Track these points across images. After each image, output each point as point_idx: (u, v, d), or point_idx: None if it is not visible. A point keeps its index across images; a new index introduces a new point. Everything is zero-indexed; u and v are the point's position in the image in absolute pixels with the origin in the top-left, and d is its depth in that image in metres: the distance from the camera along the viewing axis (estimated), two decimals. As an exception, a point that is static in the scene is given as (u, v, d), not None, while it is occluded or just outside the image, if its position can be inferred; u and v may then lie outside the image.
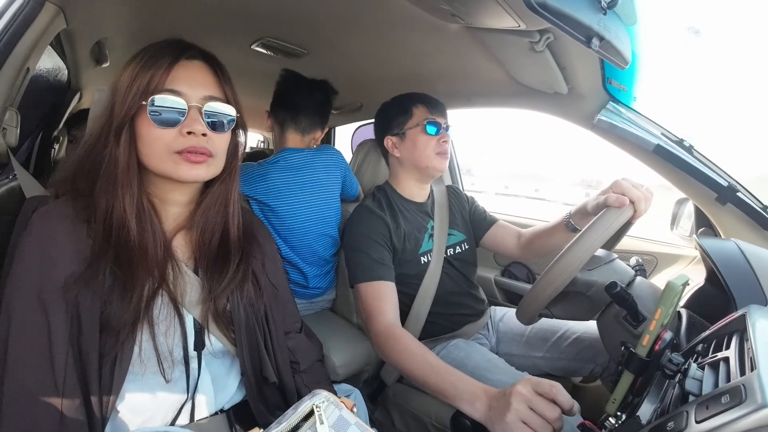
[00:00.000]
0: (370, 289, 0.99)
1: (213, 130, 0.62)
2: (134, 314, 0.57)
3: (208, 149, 0.61)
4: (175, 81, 0.60)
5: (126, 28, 1.19)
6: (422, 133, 1.12)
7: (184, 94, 0.60)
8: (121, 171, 0.59)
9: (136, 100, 0.58)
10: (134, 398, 0.60)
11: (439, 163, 1.13)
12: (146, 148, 0.60)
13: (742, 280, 0.84)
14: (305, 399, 0.54)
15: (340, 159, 1.38)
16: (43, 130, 1.40)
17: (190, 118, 0.59)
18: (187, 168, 0.60)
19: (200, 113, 0.60)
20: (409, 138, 1.14)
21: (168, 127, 0.59)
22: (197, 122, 0.60)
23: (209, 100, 0.61)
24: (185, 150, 0.59)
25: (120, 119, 0.59)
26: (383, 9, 0.99)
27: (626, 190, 0.81)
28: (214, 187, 0.68)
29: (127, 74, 0.60)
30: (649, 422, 0.58)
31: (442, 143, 1.12)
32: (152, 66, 0.59)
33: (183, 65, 0.61)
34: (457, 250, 1.20)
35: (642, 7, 0.80)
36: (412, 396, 1.11)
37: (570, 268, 0.76)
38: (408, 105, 1.15)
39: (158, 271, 0.60)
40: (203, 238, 0.67)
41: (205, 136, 0.60)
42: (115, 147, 0.59)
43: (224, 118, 0.63)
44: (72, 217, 0.58)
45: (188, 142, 0.59)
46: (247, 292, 0.69)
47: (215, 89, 0.63)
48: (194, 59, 0.63)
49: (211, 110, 0.61)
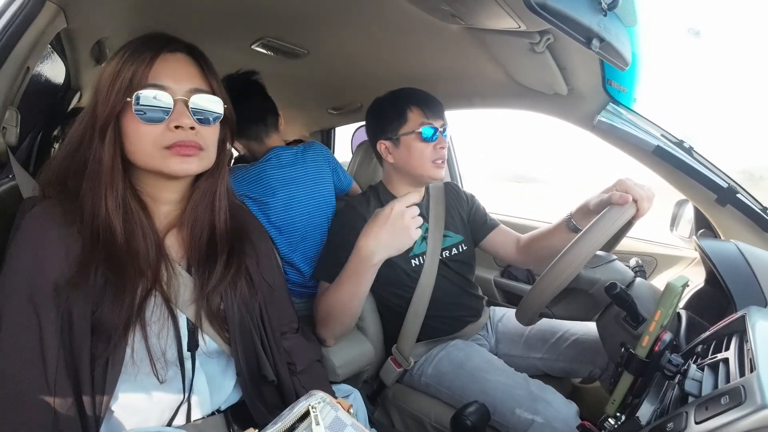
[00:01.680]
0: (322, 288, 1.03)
1: (201, 123, 0.60)
2: (126, 316, 0.56)
3: (197, 142, 0.60)
4: (158, 75, 0.58)
5: (126, 27, 1.19)
6: (418, 140, 1.06)
7: (168, 88, 0.58)
8: (105, 171, 0.58)
9: (119, 97, 0.57)
10: (128, 399, 0.59)
11: (436, 173, 1.08)
12: (133, 146, 0.59)
13: (741, 281, 0.84)
14: (301, 400, 0.54)
15: (328, 152, 1.40)
16: (43, 129, 1.40)
17: (176, 112, 0.58)
18: (178, 162, 0.59)
19: (186, 106, 0.59)
20: (403, 144, 1.08)
21: (155, 123, 0.58)
22: (184, 116, 0.58)
23: (195, 93, 0.60)
24: (174, 144, 0.58)
25: (104, 118, 0.57)
26: (383, 9, 0.99)
27: (630, 188, 0.81)
28: (202, 180, 0.67)
29: (109, 71, 0.58)
30: (649, 423, 0.58)
31: (439, 149, 1.07)
32: (134, 61, 0.58)
33: (165, 58, 0.60)
34: (453, 251, 1.18)
35: (642, 8, 0.80)
36: (412, 396, 1.11)
37: (572, 267, 0.76)
38: (403, 108, 1.08)
39: (151, 271, 0.60)
40: (193, 234, 0.66)
41: (193, 129, 0.59)
42: (99, 146, 0.58)
43: (211, 110, 0.62)
44: (61, 218, 0.58)
45: (177, 136, 0.58)
46: (241, 291, 0.68)
47: (200, 81, 0.62)
48: (177, 52, 0.61)
49: (197, 103, 0.60)
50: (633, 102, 1.15)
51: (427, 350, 1.14)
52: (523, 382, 0.98)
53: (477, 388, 0.99)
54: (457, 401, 1.00)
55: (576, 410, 0.92)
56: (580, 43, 0.71)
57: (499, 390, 0.97)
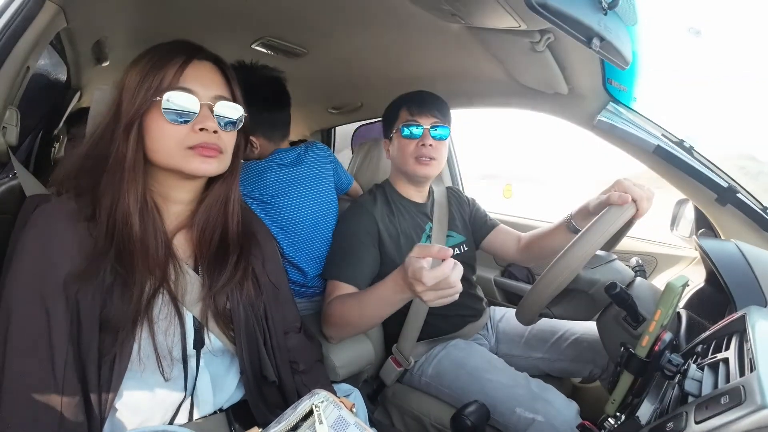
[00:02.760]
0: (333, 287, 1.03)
1: (222, 128, 0.64)
2: (134, 313, 0.57)
3: (218, 145, 0.63)
4: (187, 80, 0.62)
5: (126, 27, 1.19)
6: (400, 137, 1.11)
7: (196, 93, 0.62)
8: (128, 167, 0.60)
9: (148, 96, 0.59)
10: (133, 397, 0.60)
11: (417, 169, 1.10)
12: (156, 144, 0.61)
13: (741, 281, 0.84)
14: (304, 399, 0.54)
15: (329, 152, 1.40)
16: (43, 128, 1.40)
17: (202, 116, 0.62)
18: (199, 162, 0.62)
19: (211, 111, 0.62)
20: (394, 141, 1.15)
21: (180, 124, 0.61)
22: (209, 119, 0.62)
23: (219, 99, 0.64)
24: (198, 145, 0.61)
25: (130, 116, 0.60)
26: (384, 9, 0.99)
27: (628, 188, 0.81)
28: (217, 185, 0.69)
29: (136, 72, 0.61)
30: (649, 423, 0.58)
31: (420, 147, 1.08)
32: (165, 65, 0.61)
33: (195, 65, 0.63)
34: (456, 251, 1.19)
35: (642, 7, 0.80)
36: (412, 396, 1.11)
37: (571, 267, 0.76)
38: (397, 107, 1.14)
39: (159, 270, 0.61)
40: (203, 236, 0.68)
41: (216, 133, 0.62)
42: (123, 143, 0.60)
43: (233, 117, 0.66)
44: (74, 214, 0.59)
45: (201, 138, 0.61)
46: (247, 291, 0.69)
47: (225, 90, 0.66)
48: (205, 60, 0.65)
49: (221, 109, 0.64)
50: (633, 101, 1.15)
51: (427, 350, 1.14)
52: (523, 381, 0.98)
53: (477, 388, 0.99)
54: (457, 401, 1.00)
55: (576, 409, 0.92)
56: (580, 42, 0.71)
57: (499, 389, 0.97)
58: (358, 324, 0.93)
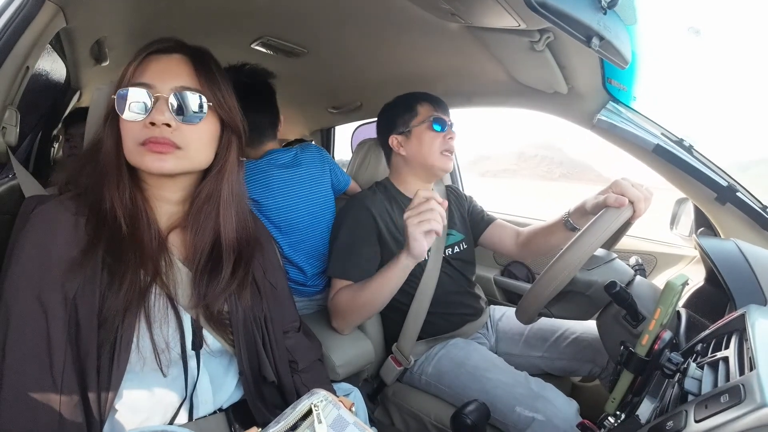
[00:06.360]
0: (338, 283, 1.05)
1: (183, 121, 0.60)
2: (127, 303, 0.56)
3: (172, 140, 0.59)
4: (144, 74, 0.60)
5: (126, 26, 1.19)
6: (428, 130, 1.12)
7: (152, 86, 0.59)
8: (109, 163, 0.61)
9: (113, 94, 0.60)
10: (132, 396, 0.60)
11: (444, 163, 1.14)
12: (123, 142, 0.61)
13: (741, 279, 0.84)
14: (304, 398, 0.54)
15: (323, 153, 1.40)
16: (43, 129, 1.40)
17: (155, 110, 0.58)
18: (152, 158, 0.59)
19: (167, 104, 0.59)
20: (414, 136, 1.14)
21: (134, 120, 0.59)
22: (159, 112, 0.58)
23: (179, 90, 0.60)
24: (147, 141, 0.58)
25: (107, 114, 0.62)
26: (383, 8, 0.99)
27: (625, 189, 0.81)
28: (205, 184, 0.67)
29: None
30: (649, 421, 0.58)
31: (448, 140, 1.13)
32: (131, 61, 0.61)
33: (155, 58, 0.61)
34: (455, 249, 1.20)
35: (642, 6, 0.80)
36: (412, 395, 1.11)
37: (569, 268, 0.76)
38: (412, 103, 1.15)
39: (152, 263, 0.60)
40: (197, 240, 0.66)
41: (169, 126, 0.59)
42: (105, 141, 0.62)
43: (193, 109, 0.60)
44: (73, 214, 0.59)
45: (150, 132, 0.58)
46: (246, 298, 0.68)
47: (189, 80, 0.61)
48: (171, 52, 0.62)
49: (178, 100, 0.59)
50: (632, 100, 1.15)
51: (427, 349, 1.14)
52: (523, 380, 0.98)
53: (477, 387, 1.00)
54: (457, 400, 1.00)
55: (576, 408, 0.92)
56: (580, 41, 0.71)
57: (499, 388, 0.97)
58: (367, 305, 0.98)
